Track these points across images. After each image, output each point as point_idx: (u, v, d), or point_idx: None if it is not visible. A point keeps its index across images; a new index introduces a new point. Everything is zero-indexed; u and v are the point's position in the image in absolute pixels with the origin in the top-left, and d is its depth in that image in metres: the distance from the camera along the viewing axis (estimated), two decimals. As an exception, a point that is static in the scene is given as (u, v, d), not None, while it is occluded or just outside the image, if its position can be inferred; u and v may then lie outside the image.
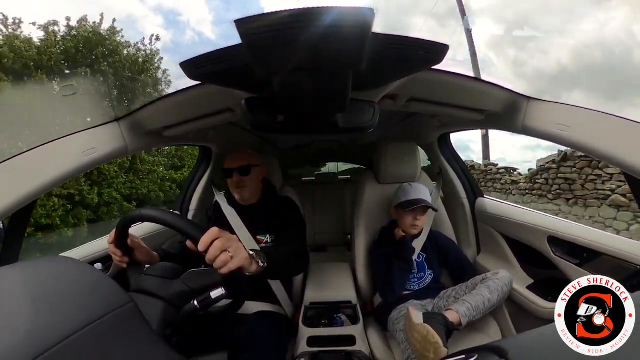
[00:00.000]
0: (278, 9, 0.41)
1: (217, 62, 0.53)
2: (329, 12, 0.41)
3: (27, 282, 0.51)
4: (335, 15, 0.41)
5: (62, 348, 0.38)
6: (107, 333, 0.44)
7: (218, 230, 0.64)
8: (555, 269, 1.12)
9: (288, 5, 0.43)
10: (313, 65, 0.51)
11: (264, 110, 0.67)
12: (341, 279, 1.43)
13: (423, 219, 1.31)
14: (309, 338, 1.07)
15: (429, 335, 0.90)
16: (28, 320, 0.41)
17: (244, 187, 1.21)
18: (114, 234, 0.76)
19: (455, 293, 1.19)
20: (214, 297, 0.67)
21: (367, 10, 0.40)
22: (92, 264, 1.11)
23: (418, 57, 0.55)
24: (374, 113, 0.71)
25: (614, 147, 0.70)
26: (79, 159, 0.81)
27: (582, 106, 0.77)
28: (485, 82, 0.85)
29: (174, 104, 0.85)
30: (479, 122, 1.02)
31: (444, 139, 1.68)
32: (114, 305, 0.47)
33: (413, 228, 1.30)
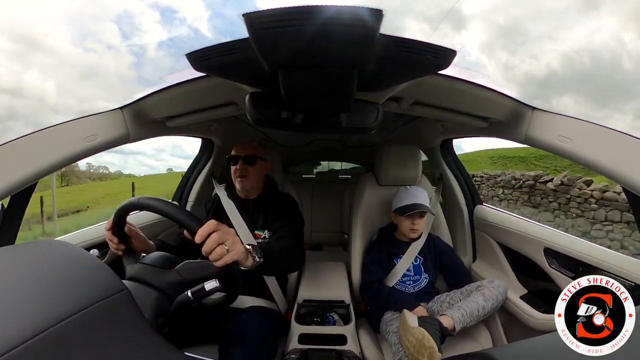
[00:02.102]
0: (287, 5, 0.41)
1: (224, 55, 0.53)
2: (337, 10, 0.41)
3: (17, 265, 0.51)
4: (344, 13, 0.41)
5: (51, 333, 0.38)
6: (99, 320, 0.44)
7: (216, 223, 0.64)
8: (550, 280, 1.12)
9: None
10: (319, 62, 0.51)
11: (268, 105, 0.67)
12: (336, 278, 1.43)
13: (421, 223, 1.31)
14: (301, 335, 1.07)
15: (424, 339, 0.90)
16: (15, 305, 0.41)
17: (247, 177, 1.21)
18: (112, 221, 0.76)
19: (450, 299, 1.19)
20: (208, 289, 0.67)
21: (376, 10, 0.40)
22: (89, 250, 1.12)
23: (425, 61, 0.55)
24: (378, 115, 0.71)
25: (616, 162, 0.70)
26: (80, 145, 0.81)
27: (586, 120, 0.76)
28: (491, 89, 0.85)
29: (178, 94, 0.85)
30: (482, 129, 1.01)
31: (446, 144, 1.68)
32: (107, 292, 0.47)
33: (412, 232, 1.31)
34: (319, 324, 1.16)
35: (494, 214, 1.48)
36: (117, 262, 0.78)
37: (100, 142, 0.84)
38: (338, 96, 0.61)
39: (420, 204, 1.28)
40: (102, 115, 0.86)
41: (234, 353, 0.90)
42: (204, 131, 1.51)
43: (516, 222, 1.34)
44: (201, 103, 0.92)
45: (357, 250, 1.42)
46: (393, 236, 1.37)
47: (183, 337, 0.98)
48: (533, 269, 1.19)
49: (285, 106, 0.65)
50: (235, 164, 1.22)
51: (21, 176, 0.74)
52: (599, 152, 0.72)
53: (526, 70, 50.63)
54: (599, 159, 0.72)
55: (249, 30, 0.43)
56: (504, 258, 1.37)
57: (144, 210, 0.72)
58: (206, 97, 0.89)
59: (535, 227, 1.26)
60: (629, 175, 0.68)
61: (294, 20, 0.42)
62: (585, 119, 0.76)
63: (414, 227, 1.29)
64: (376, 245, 1.39)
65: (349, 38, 0.44)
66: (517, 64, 53.43)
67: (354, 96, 0.61)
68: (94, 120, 0.84)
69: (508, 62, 53.18)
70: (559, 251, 1.10)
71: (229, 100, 0.89)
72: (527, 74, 49.41)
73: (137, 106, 0.88)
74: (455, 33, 32.77)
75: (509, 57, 55.01)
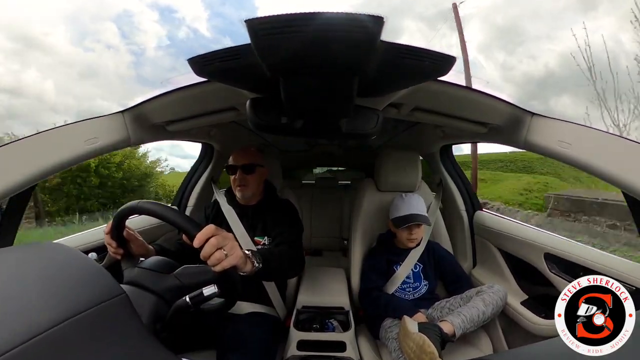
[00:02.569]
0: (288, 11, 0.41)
1: (225, 60, 0.53)
2: (338, 16, 0.41)
3: (13, 267, 0.50)
4: (345, 20, 0.41)
5: (48, 336, 0.38)
6: (97, 324, 0.43)
7: (214, 228, 0.64)
8: (551, 286, 1.11)
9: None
10: (320, 68, 0.52)
11: (268, 111, 0.67)
12: (335, 284, 1.42)
13: (419, 232, 1.30)
14: (299, 342, 1.06)
15: (425, 345, 0.89)
16: (12, 307, 0.41)
17: (246, 186, 1.21)
18: (111, 225, 0.76)
19: (450, 305, 1.18)
20: (206, 295, 0.66)
21: (377, 17, 0.41)
22: (87, 253, 1.11)
23: (425, 67, 0.55)
24: (378, 121, 0.71)
25: (615, 167, 0.70)
26: (81, 147, 0.81)
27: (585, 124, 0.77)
28: (490, 95, 0.86)
29: (179, 99, 0.85)
30: (482, 135, 1.02)
31: (446, 150, 1.68)
32: (105, 295, 0.47)
33: (410, 242, 1.30)
34: (318, 331, 1.15)
35: (494, 220, 1.48)
36: (115, 266, 0.78)
37: (101, 145, 0.84)
38: (338, 102, 0.62)
39: (417, 214, 1.27)
40: (103, 119, 0.86)
41: (232, 359, 0.89)
42: (204, 136, 1.52)
43: (516, 228, 1.34)
44: (202, 108, 0.93)
45: (357, 256, 1.42)
46: (392, 243, 1.36)
47: (181, 342, 0.97)
48: (533, 274, 1.19)
49: (285, 111, 0.66)
50: (234, 173, 1.22)
51: (21, 178, 0.74)
52: (599, 157, 0.73)
53: (524, 70, 50.37)
54: (598, 163, 0.73)
55: (250, 35, 0.43)
56: (504, 263, 1.36)
57: (143, 215, 0.71)
58: (207, 102, 0.89)
59: (535, 232, 1.26)
60: (629, 180, 0.68)
61: (295, 26, 0.42)
62: (584, 124, 0.77)
63: (411, 237, 1.28)
64: (375, 252, 1.39)
65: (350, 44, 0.45)
66: (515, 65, 53.21)
67: (355, 102, 0.62)
68: (95, 123, 0.85)
69: (506, 63, 53.19)
70: (559, 256, 1.10)
71: (229, 105, 0.90)
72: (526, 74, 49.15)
73: (139, 110, 0.89)
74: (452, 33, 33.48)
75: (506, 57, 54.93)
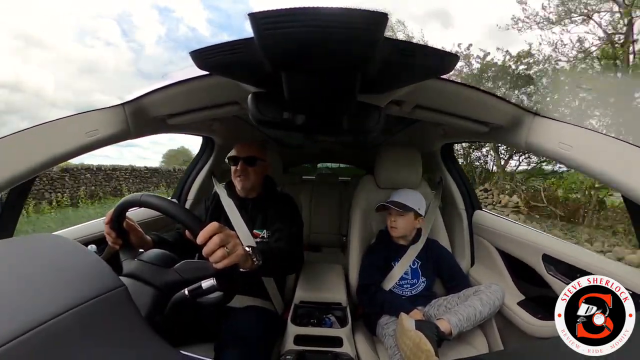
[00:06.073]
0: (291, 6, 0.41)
1: (228, 54, 0.53)
2: (342, 12, 0.41)
3: (12, 258, 0.51)
4: (348, 15, 0.41)
5: (47, 328, 0.38)
6: (96, 316, 0.43)
7: (218, 225, 0.64)
8: (548, 287, 1.12)
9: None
10: (322, 64, 0.51)
11: (270, 106, 0.67)
12: (333, 280, 1.43)
13: (400, 221, 1.30)
14: (296, 336, 1.07)
15: (421, 342, 0.90)
16: (10, 298, 0.41)
17: (247, 177, 1.22)
18: (111, 215, 0.76)
19: (447, 303, 1.19)
20: (205, 288, 0.67)
21: (380, 13, 0.40)
22: (86, 245, 1.11)
23: (428, 65, 0.55)
24: (379, 117, 0.71)
25: (615, 170, 0.70)
26: (81, 139, 0.81)
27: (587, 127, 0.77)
28: (492, 94, 0.86)
29: (180, 92, 0.85)
30: (483, 134, 1.02)
31: (447, 148, 1.68)
32: (104, 288, 0.47)
33: (392, 230, 1.32)
34: (315, 326, 1.15)
35: (493, 220, 1.48)
36: (114, 258, 0.78)
37: (101, 137, 0.84)
38: (341, 98, 0.61)
39: (392, 200, 1.28)
40: (104, 111, 0.86)
41: (229, 352, 0.90)
42: (205, 129, 1.51)
43: (515, 228, 1.34)
44: (203, 102, 0.92)
45: (355, 252, 1.42)
46: (392, 239, 1.36)
47: (179, 335, 0.98)
48: (531, 275, 1.19)
49: (287, 107, 0.66)
50: (235, 164, 1.23)
51: (21, 170, 0.74)
52: (599, 160, 0.73)
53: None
54: (598, 166, 0.73)
55: (254, 30, 0.43)
56: (502, 263, 1.36)
57: (144, 208, 0.71)
58: (208, 95, 0.89)
59: (534, 233, 1.26)
60: (629, 183, 0.68)
61: (298, 21, 0.42)
62: (586, 127, 0.77)
63: (391, 225, 1.31)
64: (375, 248, 1.39)
65: (353, 40, 0.44)
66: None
67: (357, 98, 0.61)
68: (95, 115, 0.84)
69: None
70: (557, 258, 1.10)
71: (231, 99, 0.89)
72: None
73: (139, 103, 0.88)
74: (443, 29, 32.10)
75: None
